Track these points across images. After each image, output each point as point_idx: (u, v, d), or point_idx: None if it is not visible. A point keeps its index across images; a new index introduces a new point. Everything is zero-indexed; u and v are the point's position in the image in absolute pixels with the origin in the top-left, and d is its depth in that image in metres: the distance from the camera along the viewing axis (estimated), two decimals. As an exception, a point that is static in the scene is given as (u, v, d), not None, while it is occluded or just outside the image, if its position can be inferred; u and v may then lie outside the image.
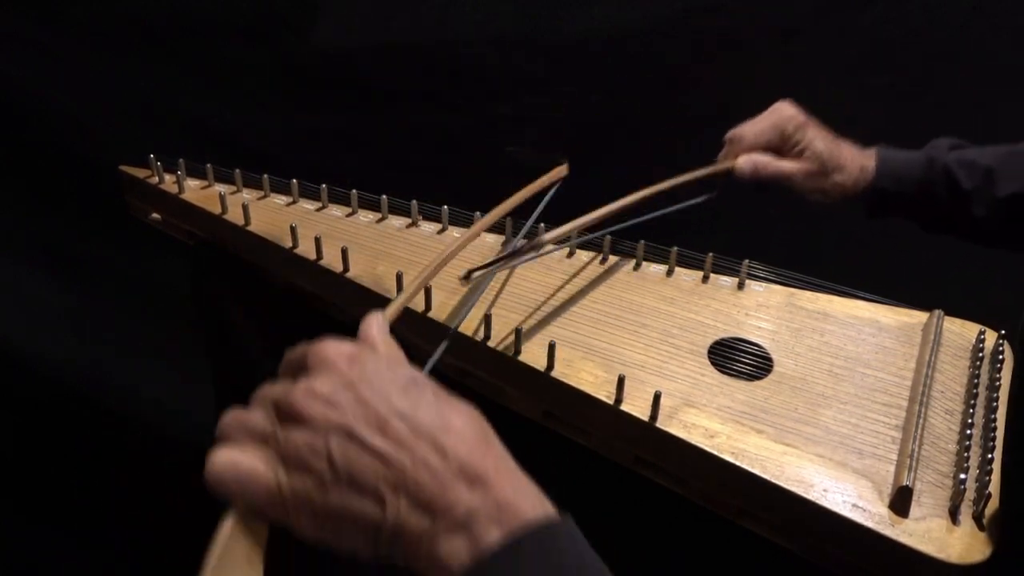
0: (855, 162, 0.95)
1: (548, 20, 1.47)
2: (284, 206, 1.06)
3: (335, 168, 1.14)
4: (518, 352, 0.84)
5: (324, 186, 1.06)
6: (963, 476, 0.72)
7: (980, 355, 0.88)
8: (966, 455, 0.75)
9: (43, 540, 1.49)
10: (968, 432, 0.78)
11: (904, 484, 0.70)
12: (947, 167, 0.92)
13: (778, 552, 0.76)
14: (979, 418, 0.81)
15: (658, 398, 0.77)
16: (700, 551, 0.87)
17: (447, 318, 0.88)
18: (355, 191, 1.06)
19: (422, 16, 1.46)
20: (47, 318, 1.51)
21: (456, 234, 1.03)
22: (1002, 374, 0.86)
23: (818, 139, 0.95)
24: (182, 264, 1.11)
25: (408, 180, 1.04)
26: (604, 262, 1.00)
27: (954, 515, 0.71)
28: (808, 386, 0.84)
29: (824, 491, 0.72)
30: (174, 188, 1.05)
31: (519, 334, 0.84)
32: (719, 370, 0.85)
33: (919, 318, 0.94)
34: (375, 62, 1.50)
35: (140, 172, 1.08)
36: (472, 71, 1.50)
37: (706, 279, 0.98)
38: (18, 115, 1.41)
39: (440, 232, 1.04)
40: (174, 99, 1.47)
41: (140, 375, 1.56)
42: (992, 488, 0.72)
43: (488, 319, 0.85)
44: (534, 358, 0.84)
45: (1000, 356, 0.88)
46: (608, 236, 0.99)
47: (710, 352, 0.88)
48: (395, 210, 1.06)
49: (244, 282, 1.05)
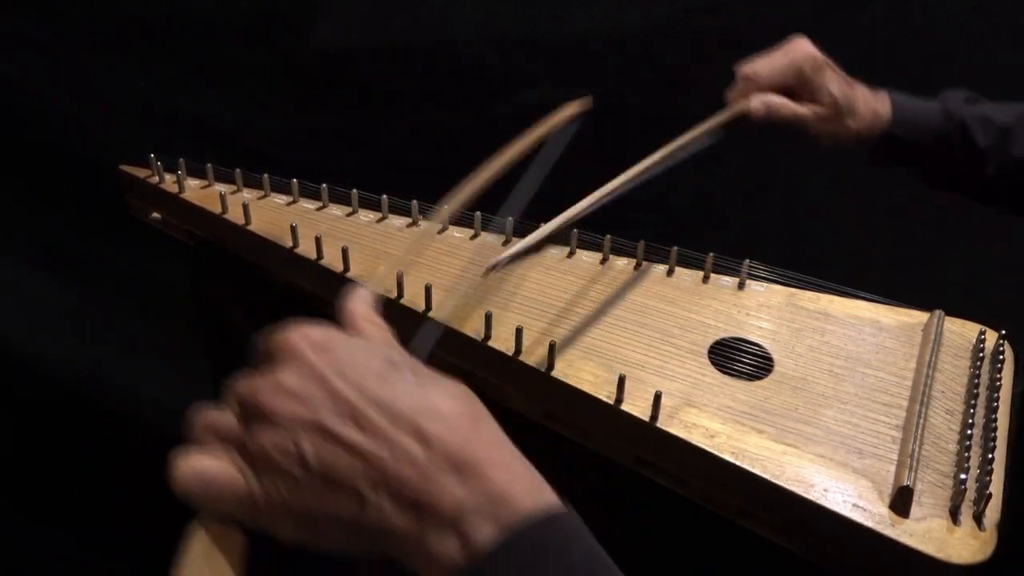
0: (868, 106, 0.92)
1: (548, 20, 1.47)
2: (284, 206, 1.06)
3: (335, 168, 1.14)
4: (518, 352, 0.84)
5: (324, 186, 1.06)
6: (963, 476, 0.72)
7: (980, 355, 0.88)
8: (966, 455, 0.75)
9: (43, 540, 1.49)
10: (968, 432, 0.78)
11: (904, 484, 0.70)
12: (964, 121, 0.89)
13: (778, 552, 0.76)
14: (979, 418, 0.81)
15: (658, 398, 0.77)
16: (700, 551, 0.87)
17: (448, 315, 0.88)
18: (355, 191, 1.06)
19: (422, 16, 1.46)
20: (47, 318, 1.51)
21: (457, 234, 1.03)
22: (1002, 374, 0.86)
23: (834, 81, 0.91)
24: (182, 264, 1.11)
25: (408, 180, 1.04)
26: (604, 262, 1.00)
27: (954, 515, 0.71)
28: (808, 386, 0.84)
29: (824, 491, 0.72)
30: (174, 188, 1.05)
31: (519, 334, 0.84)
32: (719, 370, 0.85)
33: (919, 318, 0.94)
34: (375, 62, 1.50)
35: (140, 172, 1.08)
36: (472, 71, 1.50)
37: (706, 279, 0.98)
38: (18, 115, 1.41)
39: (440, 232, 1.04)
40: (174, 99, 1.47)
41: (140, 375, 1.55)
42: (992, 488, 0.72)
43: (488, 319, 0.85)
44: (534, 358, 0.84)
45: (1000, 356, 0.88)
46: (608, 236, 0.99)
47: (710, 352, 0.88)
48: (395, 210, 1.06)
49: (244, 282, 1.05)
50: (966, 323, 0.94)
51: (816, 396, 0.82)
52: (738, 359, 0.87)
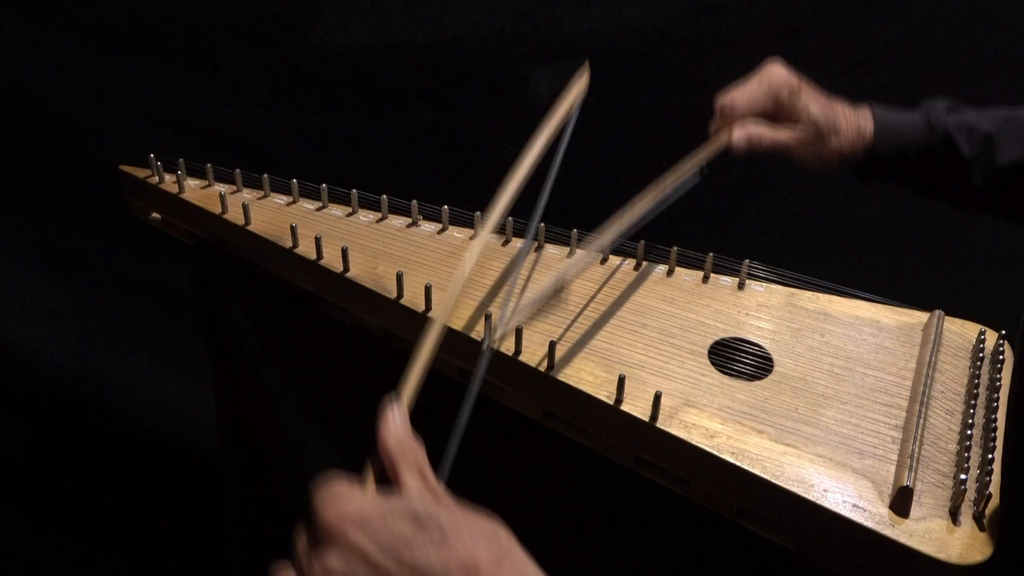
0: (851, 124, 0.91)
1: (548, 20, 1.47)
2: (284, 206, 1.06)
3: (335, 168, 1.14)
4: (518, 352, 0.84)
5: (324, 186, 1.06)
6: (963, 476, 0.72)
7: (980, 355, 0.88)
8: (966, 455, 0.75)
9: (43, 540, 1.49)
10: (968, 432, 0.78)
11: (904, 484, 0.70)
12: (947, 131, 0.88)
13: (778, 552, 0.76)
14: (979, 418, 0.81)
15: (658, 398, 0.77)
16: (700, 551, 0.87)
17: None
18: (355, 191, 1.06)
19: (422, 16, 1.47)
20: (47, 318, 1.51)
21: (457, 234, 1.03)
22: (1002, 374, 0.86)
23: (812, 103, 0.90)
24: (182, 264, 1.11)
25: (408, 180, 1.04)
26: (604, 262, 1.00)
27: (954, 515, 0.71)
28: (808, 386, 0.84)
29: (824, 491, 0.72)
30: (174, 188, 1.05)
31: (520, 334, 0.84)
32: (719, 370, 0.85)
33: (919, 318, 0.94)
34: (375, 62, 1.50)
35: (140, 172, 1.08)
36: (472, 71, 1.50)
37: (706, 279, 0.98)
38: (18, 115, 1.41)
39: (440, 232, 1.04)
40: (174, 99, 1.47)
41: (140, 375, 1.56)
42: (992, 488, 0.72)
43: (488, 319, 0.85)
44: (534, 358, 0.84)
45: (1000, 356, 0.88)
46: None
47: (710, 352, 0.88)
48: (395, 210, 1.06)
49: (244, 282, 1.05)
50: (966, 323, 0.94)
51: (816, 396, 0.83)
52: (738, 359, 0.87)
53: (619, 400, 0.79)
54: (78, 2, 1.38)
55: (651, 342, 0.88)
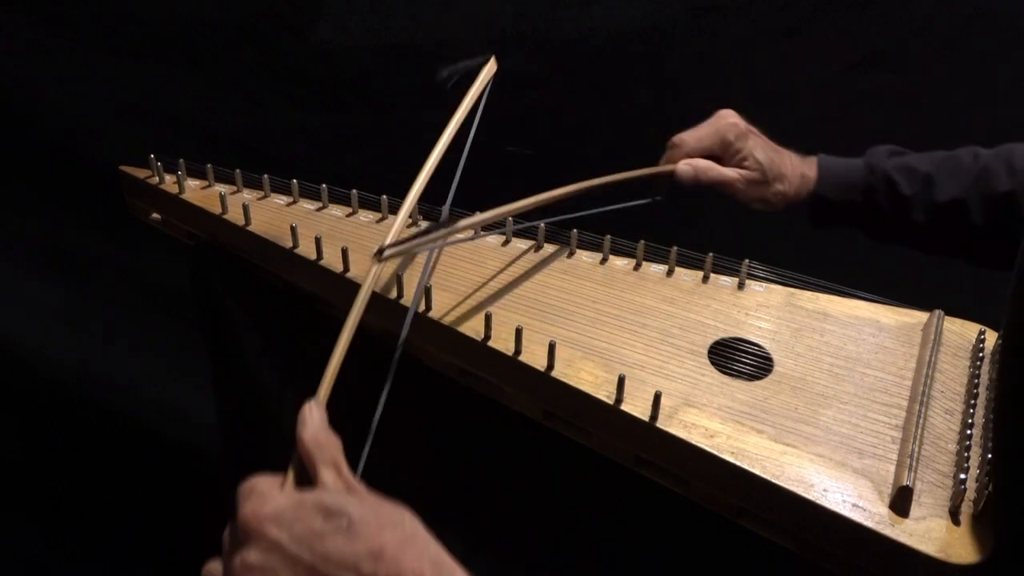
0: (796, 171, 0.97)
1: (548, 20, 1.47)
2: (284, 206, 1.06)
3: (335, 168, 1.14)
4: (518, 352, 0.84)
5: (324, 186, 1.06)
6: (963, 476, 0.72)
7: (980, 355, 0.88)
8: (966, 455, 0.75)
9: (43, 540, 1.49)
10: (968, 432, 0.78)
11: (904, 484, 0.70)
12: (887, 173, 0.94)
13: (778, 552, 0.76)
14: (979, 418, 0.81)
15: (658, 398, 0.77)
16: (700, 551, 0.87)
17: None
18: (355, 191, 1.06)
19: (422, 16, 1.47)
20: (47, 318, 1.51)
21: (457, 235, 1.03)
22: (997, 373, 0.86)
23: (759, 148, 0.96)
24: (182, 264, 1.11)
25: (408, 180, 1.04)
26: (604, 262, 1.00)
27: (954, 515, 0.71)
28: (808, 386, 0.84)
29: (824, 491, 0.72)
30: (174, 188, 1.05)
31: (519, 334, 0.84)
32: (719, 370, 0.85)
33: (919, 318, 0.94)
34: (375, 62, 1.50)
35: (140, 172, 1.08)
36: (472, 71, 1.50)
37: (706, 279, 0.98)
38: (18, 115, 1.41)
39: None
40: (174, 99, 1.47)
41: (140, 375, 1.56)
42: (992, 488, 0.72)
43: (488, 319, 0.85)
44: (534, 358, 0.84)
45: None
46: (608, 236, 0.99)
47: (710, 352, 0.88)
48: (395, 210, 1.06)
49: (244, 282, 1.05)
50: (966, 323, 0.94)
51: (816, 396, 0.83)
52: (738, 359, 0.87)
53: (619, 400, 0.79)
54: (78, 2, 1.38)
55: (651, 342, 0.88)
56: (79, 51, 1.40)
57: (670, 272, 0.99)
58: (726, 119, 0.97)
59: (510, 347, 0.85)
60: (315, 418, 0.56)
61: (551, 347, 0.82)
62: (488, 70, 1.00)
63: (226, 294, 1.06)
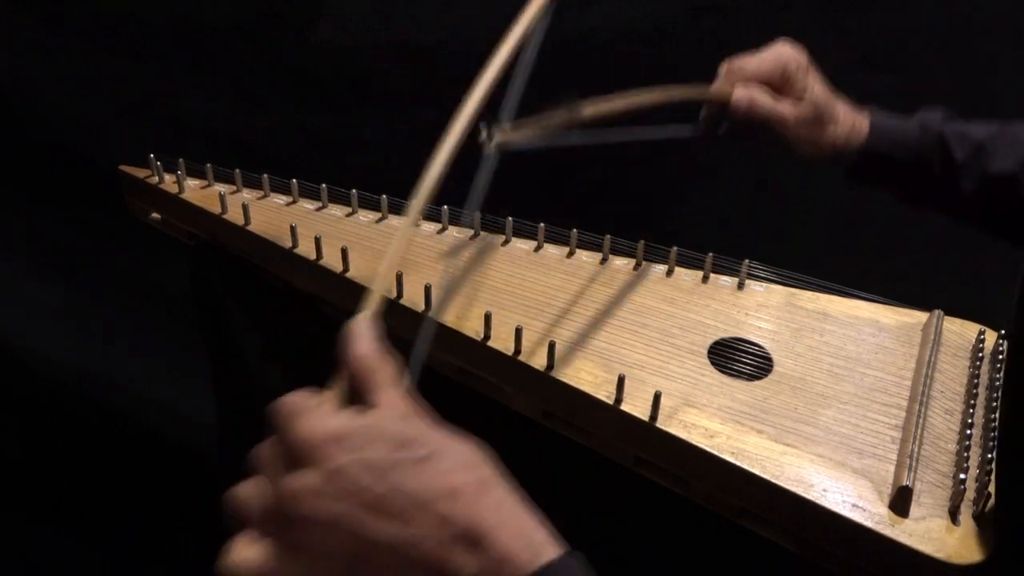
0: (848, 118, 0.91)
1: (548, 20, 1.47)
2: (284, 206, 1.06)
3: (335, 168, 1.14)
4: (518, 352, 0.84)
5: (324, 186, 1.06)
6: (963, 476, 0.72)
7: (980, 355, 0.88)
8: (966, 455, 0.75)
9: (43, 540, 1.49)
10: (968, 432, 0.78)
11: (904, 484, 0.70)
12: (941, 135, 0.89)
13: (778, 552, 0.76)
14: (979, 418, 0.81)
15: (658, 398, 0.77)
16: (700, 551, 0.87)
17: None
18: (355, 191, 1.06)
19: (422, 16, 1.46)
20: (47, 318, 1.51)
21: (456, 234, 1.03)
22: (1002, 374, 0.86)
23: (817, 85, 0.90)
24: (182, 264, 1.11)
25: (408, 180, 1.04)
26: (604, 262, 1.00)
27: (954, 515, 0.71)
28: (808, 386, 0.84)
29: (824, 491, 0.72)
30: (174, 188, 1.05)
31: (519, 334, 0.84)
32: (719, 370, 0.85)
33: (919, 318, 0.94)
34: (375, 62, 1.50)
35: (140, 172, 1.08)
36: (472, 71, 1.50)
37: (706, 279, 0.98)
38: (18, 115, 1.41)
39: (440, 232, 1.04)
40: (174, 99, 1.47)
41: (140, 375, 1.56)
42: (992, 488, 0.72)
43: (488, 319, 0.85)
44: (534, 358, 0.84)
45: (1000, 356, 0.88)
46: (608, 236, 0.99)
47: (710, 352, 0.88)
48: (395, 210, 1.06)
49: (244, 282, 1.05)
50: (965, 323, 0.94)
51: (815, 396, 0.83)
52: (737, 359, 0.87)
53: (619, 400, 0.79)
54: (78, 2, 1.38)
55: (651, 342, 0.88)
56: (79, 51, 1.40)
57: (670, 272, 0.99)
58: (788, 49, 0.90)
59: (510, 347, 0.85)
60: (367, 333, 0.48)
61: (551, 347, 0.82)
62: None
63: (226, 294, 1.06)
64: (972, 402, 0.82)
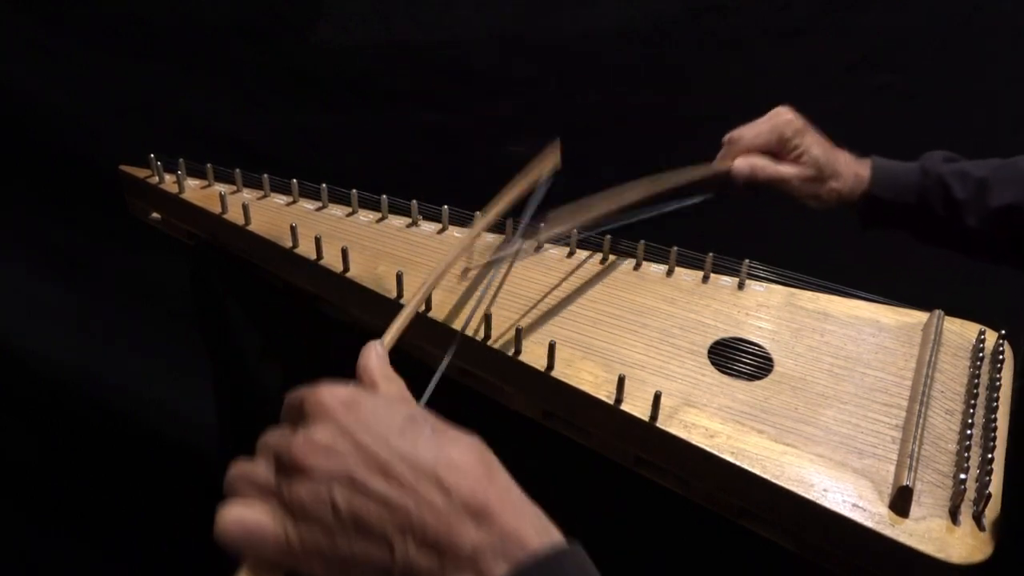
0: (850, 169, 0.96)
1: (548, 20, 1.47)
2: (284, 206, 1.06)
3: (335, 168, 1.14)
4: (518, 352, 0.84)
5: (324, 186, 1.06)
6: (963, 476, 0.72)
7: (980, 355, 0.88)
8: (966, 455, 0.75)
9: (43, 540, 1.49)
10: (968, 432, 0.78)
11: (904, 484, 0.70)
12: (941, 177, 0.93)
13: (778, 552, 0.76)
14: (979, 418, 0.81)
15: (658, 398, 0.77)
16: (700, 551, 0.87)
17: (447, 318, 0.88)
18: (355, 191, 1.06)
19: (422, 16, 1.46)
20: (47, 318, 1.51)
21: (457, 234, 1.03)
22: (1002, 374, 0.86)
23: (815, 145, 0.95)
24: (182, 264, 1.11)
25: (408, 180, 1.04)
26: (604, 261, 1.00)
27: (954, 515, 0.71)
28: (808, 386, 0.84)
29: (824, 491, 0.72)
30: (174, 188, 1.05)
31: (519, 334, 0.84)
32: (719, 370, 0.85)
33: (919, 318, 0.94)
34: (375, 62, 1.50)
35: (140, 172, 1.08)
36: (472, 71, 1.50)
37: (706, 279, 0.98)
38: (18, 115, 1.41)
39: (440, 232, 1.04)
40: (174, 99, 1.47)
41: (140, 375, 1.56)
42: (992, 488, 0.72)
43: (488, 319, 0.85)
44: (534, 358, 0.84)
45: (1000, 356, 0.88)
46: (608, 236, 0.99)
47: (710, 352, 0.88)
48: (395, 210, 1.06)
49: (244, 282, 1.05)
50: (966, 323, 0.94)
51: (816, 396, 0.83)
52: (738, 359, 0.87)
53: (619, 400, 0.79)
54: (78, 2, 1.38)
55: (651, 342, 0.88)
56: (79, 51, 1.40)
57: (670, 272, 0.99)
58: (783, 115, 0.96)
59: (510, 347, 0.85)
60: (380, 352, 0.51)
61: (551, 347, 0.82)
62: (551, 159, 0.95)
63: (226, 294, 1.07)
64: (972, 402, 0.82)
